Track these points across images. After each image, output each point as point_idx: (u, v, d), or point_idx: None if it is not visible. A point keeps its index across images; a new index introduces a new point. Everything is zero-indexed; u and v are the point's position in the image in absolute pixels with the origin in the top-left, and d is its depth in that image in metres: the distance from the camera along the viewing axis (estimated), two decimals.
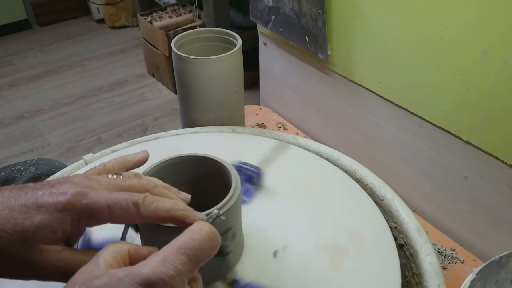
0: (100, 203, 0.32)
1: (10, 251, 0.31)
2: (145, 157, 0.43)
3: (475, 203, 0.67)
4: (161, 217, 0.34)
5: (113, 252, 0.30)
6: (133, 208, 0.32)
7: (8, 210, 0.31)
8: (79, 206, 0.32)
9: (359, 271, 0.45)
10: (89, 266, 0.29)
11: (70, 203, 0.32)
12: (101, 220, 0.33)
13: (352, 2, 0.73)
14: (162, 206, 0.34)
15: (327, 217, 0.50)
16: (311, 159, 0.60)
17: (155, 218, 0.33)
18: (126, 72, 2.48)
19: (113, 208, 0.32)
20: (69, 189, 0.32)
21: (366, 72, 0.76)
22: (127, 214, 0.32)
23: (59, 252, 0.32)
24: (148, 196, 0.33)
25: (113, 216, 0.32)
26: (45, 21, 2.99)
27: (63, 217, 0.32)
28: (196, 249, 0.30)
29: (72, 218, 0.32)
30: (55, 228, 0.31)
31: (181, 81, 0.70)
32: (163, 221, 0.34)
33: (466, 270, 0.62)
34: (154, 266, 0.28)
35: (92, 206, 0.32)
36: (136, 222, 0.34)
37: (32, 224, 0.31)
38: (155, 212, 0.33)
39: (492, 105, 0.59)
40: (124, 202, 0.32)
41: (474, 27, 0.58)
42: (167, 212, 0.34)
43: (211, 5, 1.90)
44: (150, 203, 0.33)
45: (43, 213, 0.31)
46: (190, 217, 0.34)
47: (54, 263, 0.32)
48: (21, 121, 2.15)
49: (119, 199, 0.32)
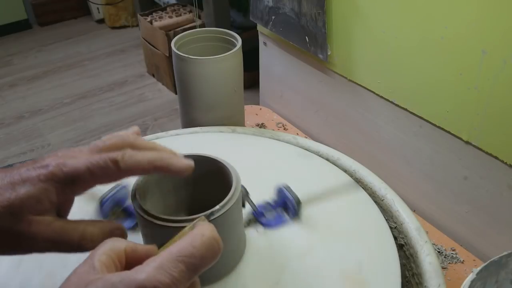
0: (80, 168, 0.33)
1: (0, 225, 0.32)
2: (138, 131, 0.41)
3: (475, 203, 0.67)
4: (143, 169, 0.34)
5: (109, 250, 0.29)
6: (112, 166, 0.33)
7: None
8: (60, 175, 0.33)
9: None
10: (84, 266, 0.28)
11: (52, 173, 0.33)
12: (86, 184, 0.33)
13: (352, 2, 0.73)
14: (142, 158, 0.34)
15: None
16: (370, 209, 0.52)
17: (138, 171, 0.34)
18: (126, 72, 2.48)
19: (93, 170, 0.33)
20: (50, 162, 0.33)
21: (366, 72, 0.76)
22: (108, 173, 0.33)
23: (50, 223, 0.33)
24: (128, 151, 0.34)
25: (95, 178, 0.33)
26: (45, 21, 3.00)
27: (47, 187, 0.32)
28: (195, 257, 0.29)
29: (56, 187, 0.33)
30: (40, 198, 0.32)
31: (181, 81, 0.70)
32: (147, 172, 0.35)
33: (466, 270, 0.62)
34: (149, 272, 0.27)
35: (72, 173, 0.33)
36: (119, 179, 0.34)
37: (18, 197, 0.32)
38: (136, 165, 0.33)
39: (492, 105, 0.59)
40: (102, 161, 0.33)
41: (474, 27, 0.58)
42: (149, 163, 0.34)
43: (211, 5, 1.90)
44: (130, 157, 0.33)
45: (27, 186, 0.32)
46: (174, 164, 0.34)
47: (45, 234, 0.33)
48: (21, 121, 2.15)
49: (97, 160, 0.33)
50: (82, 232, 0.34)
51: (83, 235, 0.34)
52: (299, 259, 0.45)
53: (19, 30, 2.92)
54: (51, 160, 0.33)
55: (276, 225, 0.48)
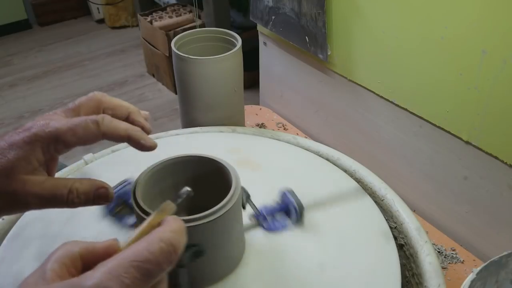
0: (62, 128, 0.36)
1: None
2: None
3: (475, 203, 0.67)
4: (120, 135, 0.37)
5: (61, 257, 0.28)
6: (93, 126, 0.36)
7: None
8: (43, 135, 0.35)
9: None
10: (33, 276, 0.27)
11: (35, 134, 0.35)
12: (68, 143, 0.36)
13: (352, 2, 0.73)
14: (119, 125, 0.37)
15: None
16: (374, 217, 0.51)
17: (115, 135, 0.37)
18: (126, 72, 2.48)
19: (75, 130, 0.36)
20: (32, 125, 0.36)
21: (366, 72, 0.76)
22: (89, 133, 0.36)
23: (42, 181, 0.36)
24: (106, 116, 0.37)
25: (78, 137, 0.36)
26: (45, 21, 3.00)
27: (32, 147, 0.35)
28: (150, 263, 0.26)
29: (42, 146, 0.36)
30: (28, 158, 0.35)
31: (181, 81, 0.70)
32: (122, 140, 0.37)
33: (466, 270, 0.62)
34: (98, 278, 0.25)
35: (55, 132, 0.35)
36: (98, 139, 0.37)
37: (9, 160, 0.35)
38: (114, 130, 0.37)
39: (492, 105, 0.59)
40: (83, 123, 0.36)
41: (474, 27, 0.58)
42: (124, 130, 0.37)
43: (211, 5, 1.90)
44: (109, 122, 0.37)
45: (15, 149, 0.35)
46: (146, 140, 0.38)
47: (38, 191, 0.35)
48: (21, 121, 2.15)
49: (79, 121, 0.36)
50: (71, 187, 0.36)
51: (71, 190, 0.36)
52: (298, 262, 0.45)
53: (19, 30, 2.92)
54: (32, 124, 0.36)
55: (278, 229, 0.48)
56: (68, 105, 0.40)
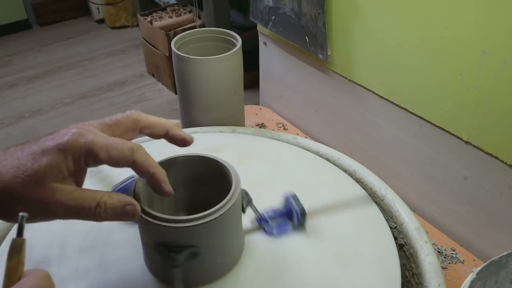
0: (97, 143, 0.35)
1: (26, 194, 0.34)
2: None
3: (475, 203, 0.67)
4: (146, 171, 0.37)
5: None
6: (127, 152, 0.36)
7: (17, 160, 0.34)
8: (78, 145, 0.35)
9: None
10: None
11: (70, 143, 0.35)
12: (98, 160, 0.35)
13: (352, 2, 0.73)
14: (149, 161, 0.37)
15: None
16: (381, 228, 0.51)
17: (142, 169, 0.36)
18: (126, 72, 2.48)
19: (110, 149, 0.35)
20: (67, 132, 0.36)
21: (366, 72, 0.76)
22: (121, 156, 0.36)
23: (71, 191, 0.35)
24: (142, 147, 0.37)
25: (109, 156, 0.35)
26: (45, 21, 2.99)
27: (65, 155, 0.35)
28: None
29: (73, 155, 0.35)
30: (60, 166, 0.35)
31: (181, 81, 0.70)
32: (145, 176, 0.37)
33: (466, 270, 0.62)
34: None
35: (90, 145, 0.35)
36: (127, 165, 0.36)
37: (41, 167, 0.34)
38: (143, 163, 0.36)
39: (492, 105, 0.59)
40: (119, 145, 0.36)
41: (474, 27, 0.58)
42: (152, 168, 0.37)
43: (211, 5, 1.90)
44: (142, 154, 0.36)
45: (47, 156, 0.34)
46: (166, 185, 0.38)
47: (67, 201, 0.35)
48: (21, 121, 2.15)
49: (115, 142, 0.36)
50: (99, 201, 0.35)
51: (99, 204, 0.35)
52: (296, 262, 0.45)
53: (19, 30, 2.92)
54: (67, 131, 0.36)
55: (279, 233, 0.48)
56: (105, 120, 0.39)
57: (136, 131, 0.40)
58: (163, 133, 0.41)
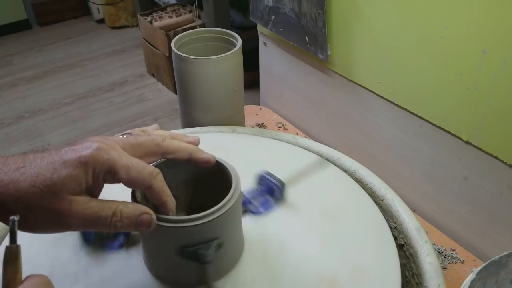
0: (119, 162, 0.35)
1: (43, 204, 0.33)
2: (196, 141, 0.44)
3: (475, 203, 0.67)
4: (159, 197, 0.37)
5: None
6: (147, 177, 0.36)
7: (36, 168, 0.34)
8: (100, 160, 0.35)
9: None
10: None
11: (92, 157, 0.34)
12: (117, 178, 0.35)
13: (352, 2, 0.73)
14: (166, 190, 0.37)
15: (340, 242, 0.48)
16: (345, 182, 0.56)
17: (156, 195, 0.37)
18: (126, 72, 2.48)
19: (130, 170, 0.35)
20: (90, 145, 0.35)
21: (366, 72, 0.76)
22: (140, 179, 0.36)
23: (87, 202, 0.35)
24: (160, 174, 0.37)
25: (129, 177, 0.35)
26: (45, 21, 2.99)
27: (86, 169, 0.34)
28: None
29: (94, 170, 0.35)
30: (79, 180, 0.34)
31: (181, 81, 0.70)
32: (157, 202, 0.37)
33: (466, 270, 0.62)
34: None
35: (112, 162, 0.35)
36: (143, 189, 0.37)
37: (60, 178, 0.33)
38: (159, 189, 0.37)
39: (492, 105, 0.59)
40: (141, 168, 0.36)
41: (474, 27, 0.58)
42: (165, 196, 0.37)
43: (211, 5, 1.90)
44: (160, 181, 0.37)
45: (68, 167, 0.34)
46: (173, 212, 0.38)
47: (83, 212, 0.34)
48: (21, 121, 2.15)
49: (137, 164, 0.36)
50: (115, 210, 0.35)
51: (115, 213, 0.35)
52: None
53: (19, 30, 2.92)
54: (91, 144, 0.35)
55: (265, 211, 0.49)
56: (129, 139, 0.39)
57: (157, 156, 0.40)
58: (186, 158, 0.41)
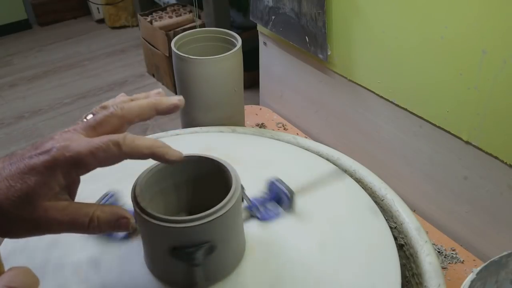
0: (82, 151, 0.34)
1: (20, 214, 0.34)
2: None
3: (475, 203, 0.67)
4: (143, 153, 0.35)
5: None
6: (114, 148, 0.34)
7: (5, 180, 0.33)
8: (63, 160, 0.34)
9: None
10: None
11: (55, 159, 0.34)
12: (89, 166, 0.35)
13: (352, 2, 0.73)
14: (142, 143, 0.35)
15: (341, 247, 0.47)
16: (359, 196, 0.54)
17: (138, 155, 0.35)
18: (126, 72, 2.48)
19: (96, 153, 0.34)
20: (51, 147, 0.34)
21: (366, 72, 0.76)
22: (110, 155, 0.34)
23: (64, 208, 0.35)
24: (128, 135, 0.35)
25: (99, 160, 0.34)
26: (45, 21, 3.00)
27: (53, 172, 0.34)
28: None
29: (62, 171, 0.34)
30: (50, 184, 0.34)
31: (181, 81, 0.70)
32: (145, 158, 0.36)
33: (466, 270, 0.62)
34: None
35: (76, 156, 0.34)
36: (120, 161, 0.35)
37: (30, 187, 0.33)
38: (136, 149, 0.35)
39: (492, 105, 0.59)
40: (104, 145, 0.34)
41: (474, 27, 0.58)
42: (147, 148, 0.35)
43: (211, 5, 1.90)
44: (131, 142, 0.35)
45: (35, 175, 0.33)
46: (169, 153, 0.37)
47: (60, 219, 0.34)
48: (21, 121, 2.15)
49: (99, 143, 0.34)
50: (92, 216, 0.35)
51: (92, 219, 0.35)
52: (298, 259, 0.45)
53: (19, 30, 2.92)
54: (51, 145, 0.34)
55: (272, 218, 0.48)
56: (89, 122, 0.37)
57: (124, 127, 0.38)
58: (154, 113, 0.40)
